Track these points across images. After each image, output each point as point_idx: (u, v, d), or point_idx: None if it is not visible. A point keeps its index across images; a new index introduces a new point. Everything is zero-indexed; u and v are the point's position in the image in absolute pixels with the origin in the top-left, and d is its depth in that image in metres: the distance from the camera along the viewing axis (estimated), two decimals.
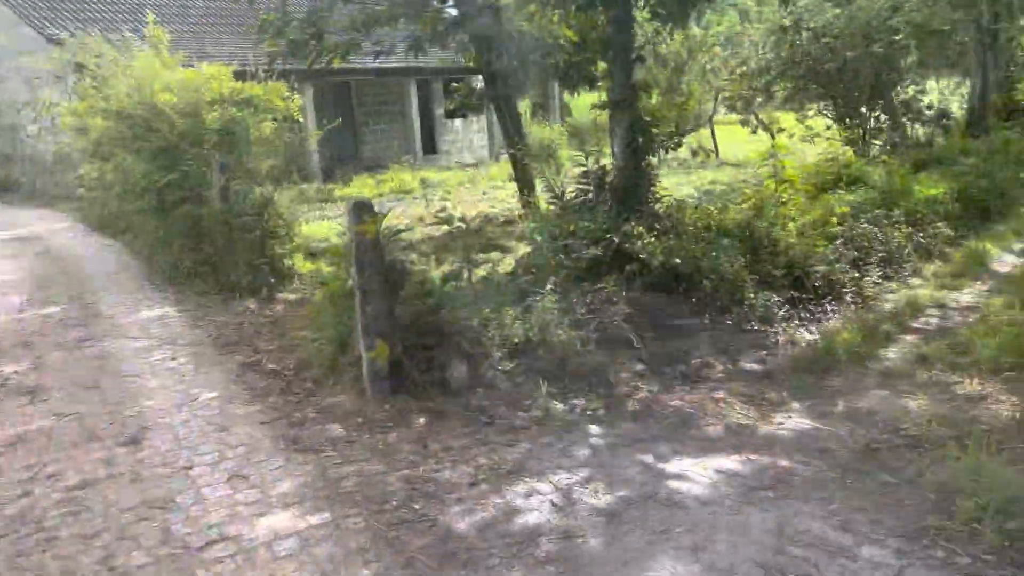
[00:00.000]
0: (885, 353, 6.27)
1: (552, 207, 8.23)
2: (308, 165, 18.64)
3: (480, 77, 16.98)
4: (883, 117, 15.37)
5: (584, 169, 8.20)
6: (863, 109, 15.17)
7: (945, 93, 18.65)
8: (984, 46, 15.75)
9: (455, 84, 24.97)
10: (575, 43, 13.01)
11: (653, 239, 6.38)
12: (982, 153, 13.99)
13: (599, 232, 6.48)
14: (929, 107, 16.29)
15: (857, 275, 8.24)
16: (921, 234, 9.91)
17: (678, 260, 6.13)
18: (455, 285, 5.88)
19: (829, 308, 7.43)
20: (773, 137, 19.75)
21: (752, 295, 6.75)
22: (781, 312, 6.86)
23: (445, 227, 7.50)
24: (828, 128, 15.70)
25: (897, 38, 13.82)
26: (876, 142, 15.48)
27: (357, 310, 4.83)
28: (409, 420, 4.58)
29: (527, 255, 6.76)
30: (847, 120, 15.24)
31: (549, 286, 5.73)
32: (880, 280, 8.52)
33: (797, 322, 6.99)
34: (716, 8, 26.10)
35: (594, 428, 4.56)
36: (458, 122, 26.71)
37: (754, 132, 18.85)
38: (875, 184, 10.68)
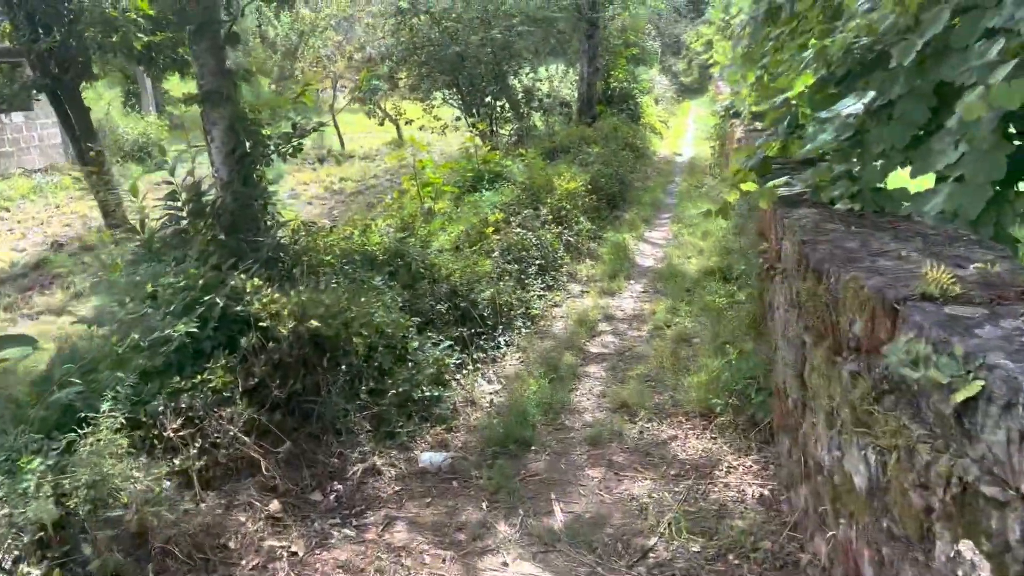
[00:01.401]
0: (579, 401, 5.18)
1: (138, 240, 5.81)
2: None
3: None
4: (507, 106, 15.07)
5: (171, 187, 5.89)
6: (488, 98, 14.68)
7: (555, 81, 19.23)
8: (586, 35, 16.27)
9: None
10: (154, 18, 10.24)
11: (277, 293, 4.45)
12: (599, 140, 14.35)
13: (195, 290, 4.37)
14: (548, 95, 16.46)
15: (522, 292, 7.22)
16: (568, 232, 9.37)
17: (316, 322, 4.31)
18: None
19: (503, 341, 6.23)
20: (399, 130, 18.72)
21: (416, 345, 5.20)
22: (453, 360, 5.43)
23: None
24: (457, 119, 14.97)
25: (514, 21, 13.42)
26: (503, 131, 15.15)
27: None
28: None
29: (76, 337, 4.37)
30: (474, 110, 14.64)
31: (108, 403, 3.49)
32: (543, 292, 7.64)
33: (472, 369, 5.64)
34: None
35: None
36: (19, 116, 21.23)
37: (381, 124, 17.54)
38: (517, 180, 9.93)
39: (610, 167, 12.65)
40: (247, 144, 6.28)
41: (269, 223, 6.18)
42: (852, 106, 4.06)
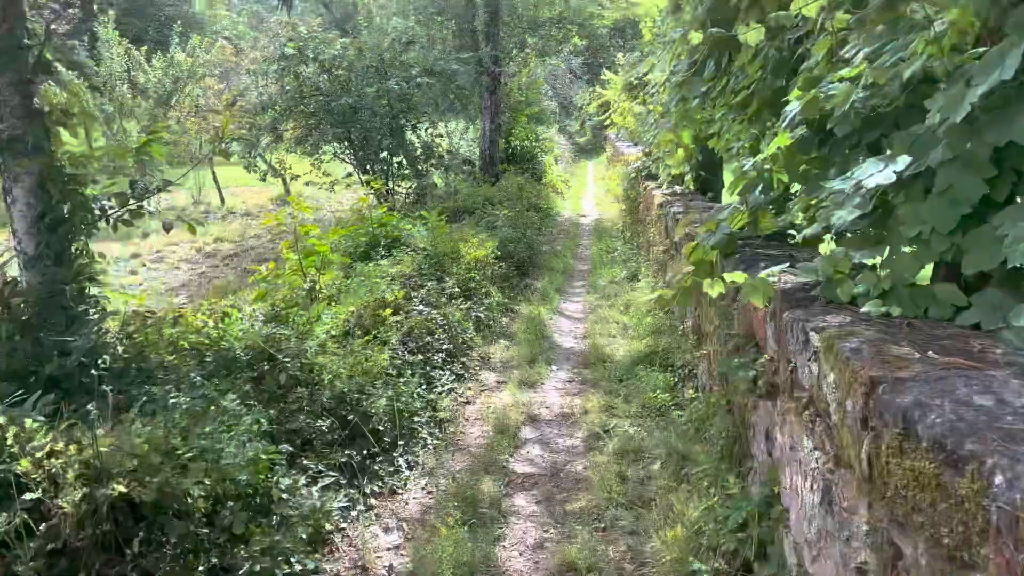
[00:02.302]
0: (508, 560, 3.86)
1: None
2: None
3: None
4: (404, 162, 13.87)
5: None
6: (384, 153, 13.44)
7: (455, 138, 18.25)
8: (488, 90, 15.40)
9: None
10: None
11: (63, 440, 2.92)
12: (505, 200, 13.33)
13: None
14: (450, 152, 15.38)
15: (427, 389, 5.90)
16: (478, 307, 8.14)
17: (122, 485, 2.82)
18: None
19: (404, 463, 4.85)
20: (286, 184, 17.18)
21: (285, 489, 3.77)
22: (336, 504, 4.02)
23: None
24: (349, 175, 13.63)
25: (414, 72, 12.32)
26: (400, 189, 13.92)
27: None
28: None
29: None
30: (368, 166, 13.35)
31: None
32: (453, 384, 6.33)
33: (364, 510, 4.23)
34: (204, 33, 22.62)
35: None
36: None
37: (263, 179, 15.92)
38: (418, 246, 8.66)
39: (518, 230, 11.60)
40: (64, 208, 4.78)
41: (91, 313, 4.65)
42: (878, 174, 2.99)
